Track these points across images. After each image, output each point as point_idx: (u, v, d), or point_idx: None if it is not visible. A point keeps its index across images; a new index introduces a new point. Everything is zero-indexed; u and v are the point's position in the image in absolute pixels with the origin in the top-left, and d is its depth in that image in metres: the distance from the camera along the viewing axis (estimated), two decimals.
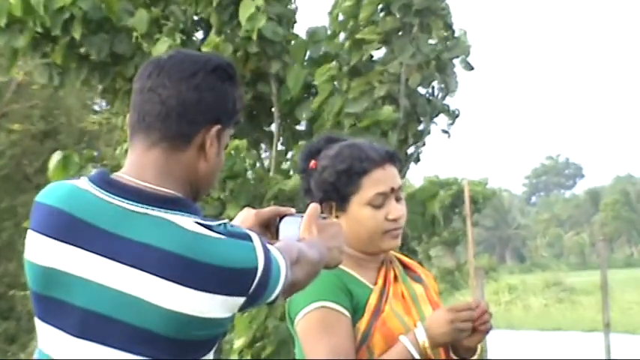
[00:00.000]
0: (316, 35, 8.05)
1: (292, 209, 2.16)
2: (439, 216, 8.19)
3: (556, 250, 73.72)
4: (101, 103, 16.41)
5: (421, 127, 8.31)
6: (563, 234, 76.67)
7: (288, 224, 2.12)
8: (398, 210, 2.63)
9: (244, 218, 2.14)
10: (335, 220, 2.16)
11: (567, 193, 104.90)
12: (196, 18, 8.24)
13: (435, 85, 8.31)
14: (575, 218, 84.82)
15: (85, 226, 1.82)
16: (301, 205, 2.27)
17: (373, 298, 2.58)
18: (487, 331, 2.59)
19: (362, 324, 2.55)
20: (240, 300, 1.81)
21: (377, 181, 2.61)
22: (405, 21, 7.98)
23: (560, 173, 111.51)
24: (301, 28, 8.08)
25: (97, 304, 1.80)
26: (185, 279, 1.76)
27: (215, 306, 1.78)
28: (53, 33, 7.60)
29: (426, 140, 8.38)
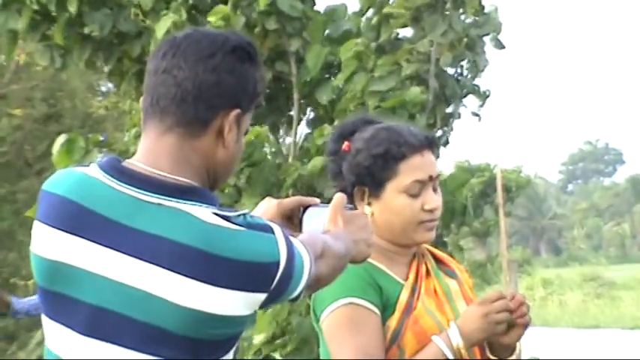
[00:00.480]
0: (335, 13, 8.00)
1: (317, 199, 2.15)
2: (469, 205, 8.15)
3: (594, 242, 73.43)
4: (108, 85, 16.43)
5: (450, 110, 8.26)
6: (602, 224, 76.31)
7: (312, 215, 2.12)
8: (435, 200, 2.62)
9: (265, 209, 2.14)
10: (362, 212, 2.15)
11: (607, 181, 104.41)
12: None
13: (464, 65, 8.26)
14: (615, 207, 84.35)
15: (95, 217, 1.82)
16: (323, 194, 2.27)
17: (404, 295, 2.57)
18: (526, 325, 2.56)
19: (392, 322, 2.54)
20: (261, 296, 1.80)
21: (415, 168, 2.60)
22: None
23: (599, 159, 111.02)
24: (322, 7, 8.00)
25: (107, 301, 1.80)
26: (202, 274, 1.75)
27: (234, 303, 1.77)
28: (51, 10, 7.58)
29: (456, 124, 8.34)
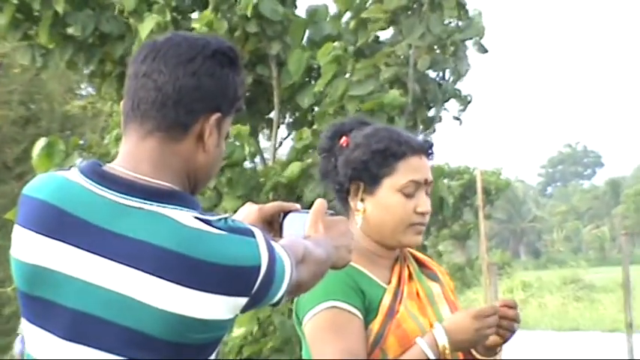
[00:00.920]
0: (316, 15, 7.96)
1: (297, 205, 2.16)
2: (447, 198, 8.11)
3: (574, 245, 73.68)
4: (87, 88, 16.37)
5: (431, 114, 8.27)
6: (581, 227, 76.58)
7: (292, 221, 2.12)
8: (427, 204, 2.63)
9: (246, 214, 2.14)
10: (343, 217, 2.16)
11: (586, 184, 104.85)
12: None
13: (446, 69, 8.27)
14: (594, 210, 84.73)
15: (76, 222, 1.82)
16: (303, 196, 2.28)
17: (387, 299, 2.58)
18: (514, 332, 2.61)
19: (375, 325, 2.54)
20: (242, 300, 1.80)
21: (413, 168, 2.62)
22: None
23: (578, 162, 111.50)
24: (304, 10, 7.95)
25: (88, 305, 1.80)
26: (183, 278, 1.76)
27: (215, 307, 1.77)
28: (34, 8, 7.56)
29: (437, 127, 8.35)
